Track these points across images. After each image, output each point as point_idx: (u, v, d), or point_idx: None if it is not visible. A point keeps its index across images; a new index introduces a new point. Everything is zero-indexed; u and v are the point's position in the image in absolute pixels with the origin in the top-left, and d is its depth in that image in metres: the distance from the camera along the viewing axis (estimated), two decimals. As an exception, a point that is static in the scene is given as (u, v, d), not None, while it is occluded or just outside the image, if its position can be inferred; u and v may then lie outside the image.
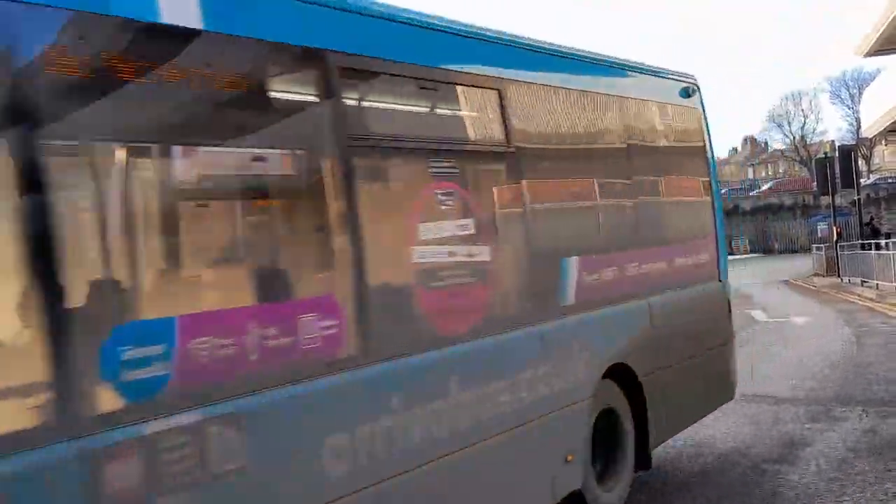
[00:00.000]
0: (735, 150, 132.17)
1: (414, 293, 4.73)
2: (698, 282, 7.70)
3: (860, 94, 68.60)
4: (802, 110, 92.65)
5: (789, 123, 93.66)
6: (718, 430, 8.77)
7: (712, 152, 8.39)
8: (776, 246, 66.97)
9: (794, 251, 61.22)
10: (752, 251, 68.84)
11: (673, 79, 8.04)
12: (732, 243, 70.21)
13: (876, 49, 29.95)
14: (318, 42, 4.26)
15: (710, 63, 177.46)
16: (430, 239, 4.83)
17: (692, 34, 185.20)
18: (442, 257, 4.87)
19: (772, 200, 73.32)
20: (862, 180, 41.63)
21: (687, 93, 8.03)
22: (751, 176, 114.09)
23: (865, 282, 26.36)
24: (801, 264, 40.75)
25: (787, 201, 72.13)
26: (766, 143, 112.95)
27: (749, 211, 72.87)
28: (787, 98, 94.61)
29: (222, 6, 3.83)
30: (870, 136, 51.61)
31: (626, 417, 6.40)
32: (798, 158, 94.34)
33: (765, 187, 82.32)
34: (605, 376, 6.07)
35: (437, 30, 5.17)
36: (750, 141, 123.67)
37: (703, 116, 8.23)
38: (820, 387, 10.92)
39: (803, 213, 68.39)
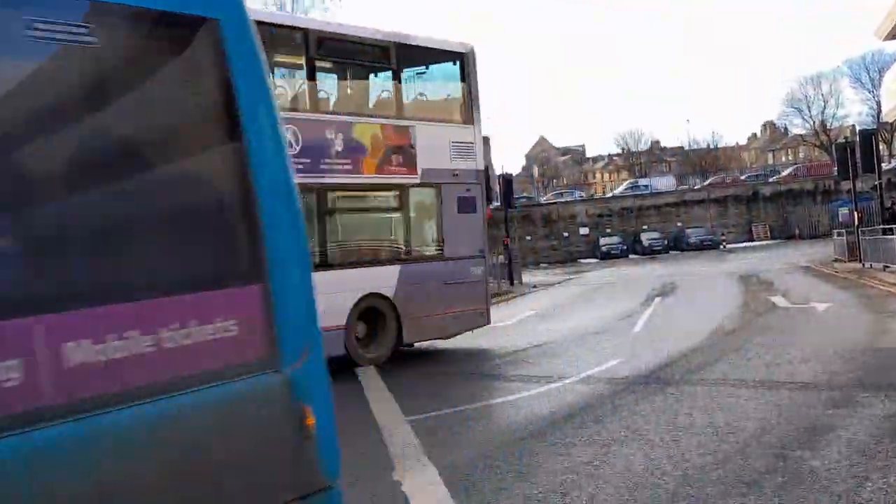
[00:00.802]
0: (754, 135, 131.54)
1: None
2: (194, 384, 3.20)
3: (881, 77, 68.06)
4: (822, 95, 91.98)
5: (809, 108, 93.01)
6: (741, 415, 8.74)
7: (265, 101, 3.64)
8: (797, 232, 66.64)
9: (814, 237, 60.93)
10: (773, 237, 68.63)
11: None
12: (752, 229, 70.20)
13: (896, 32, 29.61)
14: None
15: (728, 55, 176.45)
16: None
17: (692, 34, 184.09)
18: None
19: (792, 186, 72.98)
20: (883, 164, 41.30)
21: None
22: (771, 161, 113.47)
23: (888, 267, 26.11)
24: (822, 250, 40.57)
25: (808, 186, 71.76)
26: (785, 128, 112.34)
27: (769, 197, 72.57)
28: (806, 82, 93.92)
29: None
30: (890, 120, 51.19)
31: None
32: (818, 143, 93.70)
33: (785, 173, 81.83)
34: None
35: None
36: (769, 126, 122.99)
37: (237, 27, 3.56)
38: (842, 372, 10.84)
39: (824, 198, 68.05)
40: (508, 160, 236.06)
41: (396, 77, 15.52)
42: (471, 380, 12.56)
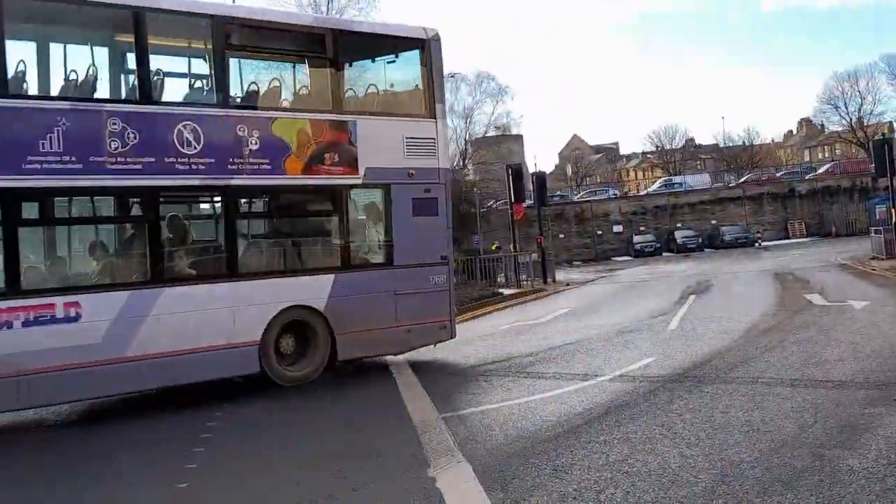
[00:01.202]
0: (791, 132, 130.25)
1: None
2: None
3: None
4: (859, 91, 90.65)
5: (846, 104, 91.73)
6: (777, 413, 8.69)
7: None
8: (834, 229, 65.96)
9: (851, 234, 60.33)
10: (809, 235, 67.98)
11: None
12: (788, 226, 69.54)
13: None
14: None
15: (763, 51, 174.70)
16: None
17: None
18: None
19: (829, 183, 72.30)
20: (922, 161, 40.73)
21: None
22: (807, 158, 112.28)
23: (926, 265, 25.85)
24: (859, 247, 40.13)
25: (845, 184, 71.04)
26: (822, 125, 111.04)
27: (805, 194, 71.96)
28: (842, 78, 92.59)
29: None
30: (930, 116, 50.43)
31: None
32: (855, 140, 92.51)
33: (821, 170, 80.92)
34: None
35: None
36: (805, 123, 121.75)
37: None
38: (879, 370, 10.74)
39: (861, 195, 67.30)
40: (542, 158, 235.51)
41: (334, 67, 14.07)
42: (505, 377, 12.57)
